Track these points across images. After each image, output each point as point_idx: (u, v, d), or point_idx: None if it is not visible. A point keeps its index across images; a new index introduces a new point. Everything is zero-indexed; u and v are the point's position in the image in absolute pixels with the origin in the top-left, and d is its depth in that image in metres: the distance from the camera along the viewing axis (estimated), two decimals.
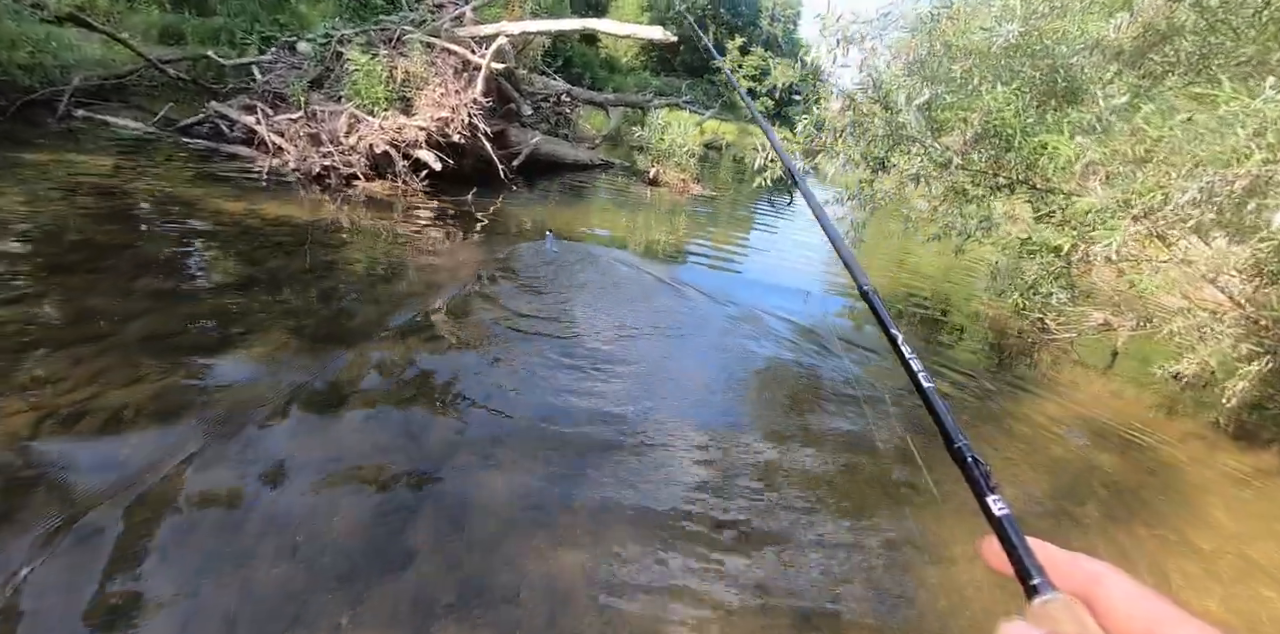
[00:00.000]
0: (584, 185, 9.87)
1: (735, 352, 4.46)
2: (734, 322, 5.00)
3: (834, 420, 3.63)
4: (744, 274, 6.61)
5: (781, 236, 9.01)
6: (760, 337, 4.78)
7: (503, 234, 6.32)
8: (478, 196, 7.45)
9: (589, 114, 17.48)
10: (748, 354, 4.45)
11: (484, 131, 7.57)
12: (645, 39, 7.13)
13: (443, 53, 7.88)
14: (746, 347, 4.57)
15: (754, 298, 5.65)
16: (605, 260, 5.99)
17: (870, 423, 3.65)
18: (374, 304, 4.15)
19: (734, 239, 8.15)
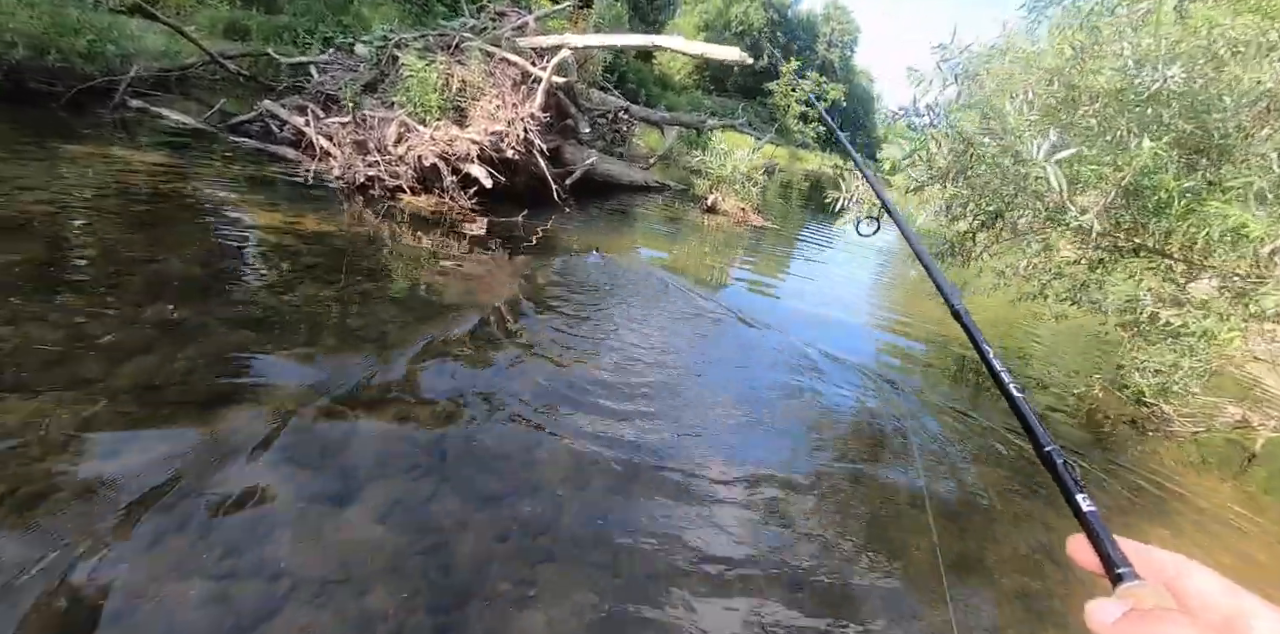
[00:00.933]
0: (638, 209, 9.33)
1: (804, 399, 3.84)
2: (805, 369, 4.37)
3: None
4: (802, 309, 5.98)
5: (860, 277, 8.37)
6: (836, 384, 4.15)
7: (552, 261, 5.78)
8: (529, 217, 6.93)
9: (643, 132, 17.03)
10: (813, 399, 3.82)
11: (540, 148, 7.07)
12: (720, 60, 6.59)
13: (502, 63, 7.43)
14: (815, 391, 3.94)
15: (818, 336, 5.01)
16: (656, 284, 5.43)
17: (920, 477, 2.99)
18: (404, 350, 3.60)
19: (800, 276, 7.53)
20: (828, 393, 4.26)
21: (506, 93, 7.17)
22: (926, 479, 3.36)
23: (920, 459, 3.58)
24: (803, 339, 5.21)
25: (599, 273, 5.70)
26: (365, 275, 4.53)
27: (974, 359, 5.67)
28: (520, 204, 7.45)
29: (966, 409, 4.56)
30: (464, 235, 6.00)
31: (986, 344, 0.84)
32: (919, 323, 6.62)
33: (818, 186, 27.32)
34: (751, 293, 6.55)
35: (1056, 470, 0.64)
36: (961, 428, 4.20)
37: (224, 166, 6.71)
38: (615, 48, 7.85)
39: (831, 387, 4.40)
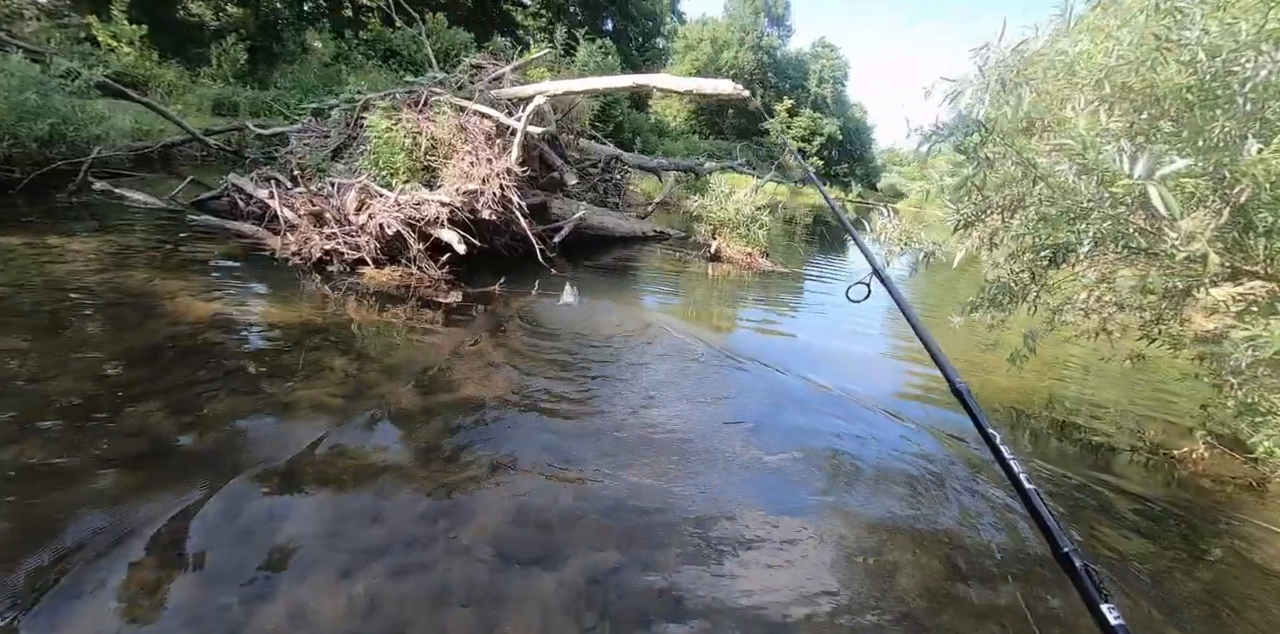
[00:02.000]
0: (635, 262, 8.48)
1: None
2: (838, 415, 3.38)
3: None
4: (829, 348, 5.03)
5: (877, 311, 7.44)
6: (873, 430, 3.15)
7: (534, 340, 4.88)
8: (510, 284, 6.08)
9: (640, 179, 16.42)
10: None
11: (519, 206, 6.29)
12: (712, 95, 5.83)
13: (475, 117, 6.73)
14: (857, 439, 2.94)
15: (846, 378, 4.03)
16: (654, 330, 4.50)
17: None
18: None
19: (814, 312, 6.60)
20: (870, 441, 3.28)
21: (480, 148, 6.44)
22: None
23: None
24: (830, 382, 4.25)
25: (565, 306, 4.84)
26: (300, 378, 3.66)
27: (1076, 425, 4.68)
28: (502, 268, 6.65)
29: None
30: (428, 313, 5.14)
31: (993, 429, 0.86)
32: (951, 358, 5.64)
33: (820, 220, 26.53)
34: (764, 334, 5.65)
35: (1076, 576, 0.60)
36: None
37: (172, 250, 5.96)
38: (600, 92, 7.16)
39: (868, 433, 3.41)
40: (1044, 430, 4.60)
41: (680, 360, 4.84)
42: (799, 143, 47.17)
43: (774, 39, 48.14)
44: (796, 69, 49.45)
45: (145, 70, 16.75)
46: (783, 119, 47.04)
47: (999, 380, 5.38)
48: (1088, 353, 6.33)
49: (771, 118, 44.54)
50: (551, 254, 7.07)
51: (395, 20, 22.00)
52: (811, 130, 47.60)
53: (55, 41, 16.30)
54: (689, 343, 5.23)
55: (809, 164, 46.75)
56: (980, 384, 5.31)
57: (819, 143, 47.84)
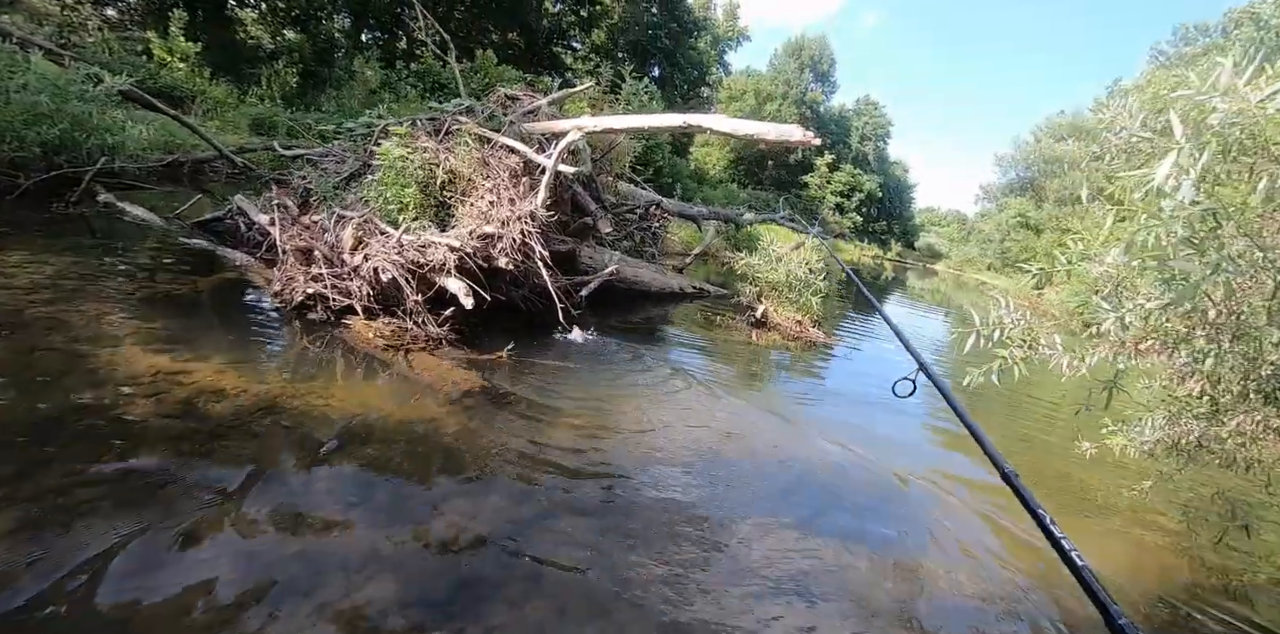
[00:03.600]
0: (670, 325, 7.40)
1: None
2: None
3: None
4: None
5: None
6: None
7: (541, 442, 3.79)
8: (521, 348, 5.04)
9: (677, 227, 15.54)
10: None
11: (541, 255, 5.31)
12: (777, 142, 4.85)
13: (501, 150, 5.84)
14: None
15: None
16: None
17: None
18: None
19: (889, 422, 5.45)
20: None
21: (503, 186, 5.52)
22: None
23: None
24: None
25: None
26: (216, 498, 2.62)
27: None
28: (517, 325, 5.65)
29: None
30: (413, 388, 4.11)
31: (1042, 509, 0.87)
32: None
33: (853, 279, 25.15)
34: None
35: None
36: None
37: (146, 279, 5.08)
38: (644, 130, 6.25)
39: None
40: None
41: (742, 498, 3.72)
42: (838, 198, 46.38)
43: (818, 94, 47.89)
44: (839, 124, 49.02)
45: (194, 86, 16.51)
46: (823, 174, 46.40)
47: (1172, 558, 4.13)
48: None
49: (813, 171, 43.94)
50: (576, 311, 6.05)
51: (445, 55, 21.83)
52: (851, 186, 46.80)
53: (113, 52, 16.19)
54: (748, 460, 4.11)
55: (847, 220, 45.94)
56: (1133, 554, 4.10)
57: (858, 199, 46.96)
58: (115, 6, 20.18)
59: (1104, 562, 3.66)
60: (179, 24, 18.54)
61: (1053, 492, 4.68)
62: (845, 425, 5.09)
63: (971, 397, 6.30)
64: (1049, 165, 26.86)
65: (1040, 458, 5.37)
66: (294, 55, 20.87)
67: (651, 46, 31.18)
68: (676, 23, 31.36)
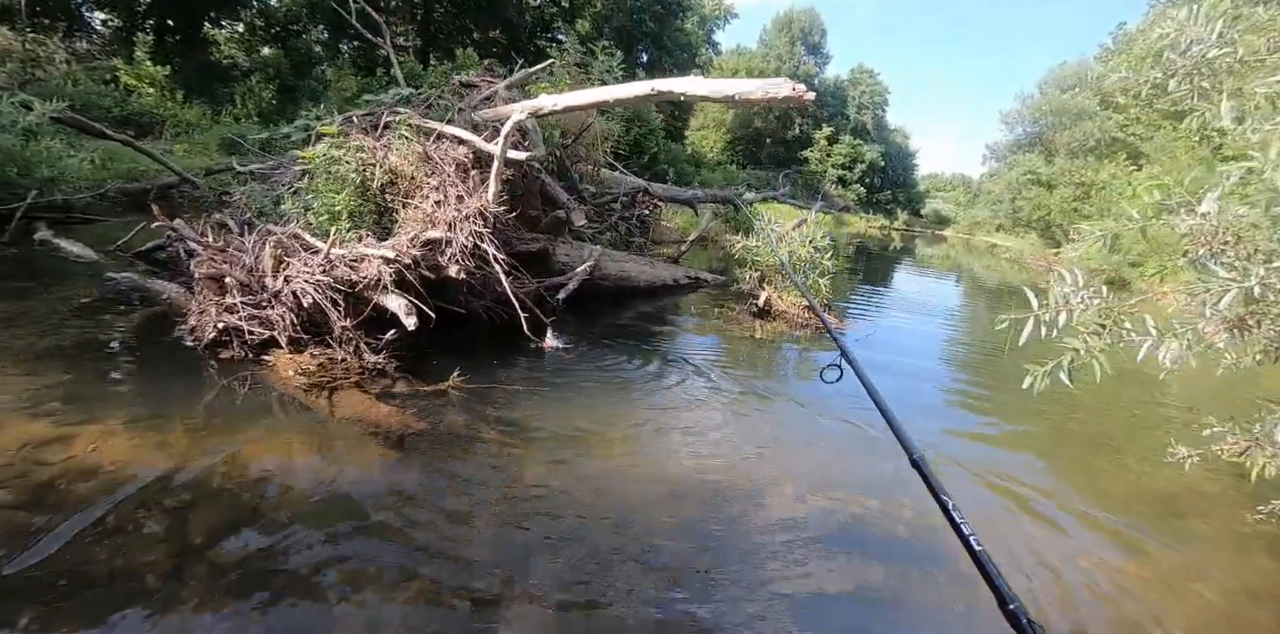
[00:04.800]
0: (661, 322, 6.52)
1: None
2: None
3: None
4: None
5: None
6: None
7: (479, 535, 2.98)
8: (480, 370, 4.24)
9: (674, 213, 14.66)
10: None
11: (497, 257, 4.50)
12: (763, 100, 3.98)
13: (450, 143, 5.02)
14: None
15: None
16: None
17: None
18: None
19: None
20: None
21: (450, 183, 4.71)
22: None
23: None
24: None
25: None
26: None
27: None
28: (478, 341, 4.87)
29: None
30: (336, 441, 3.32)
31: (946, 495, 0.89)
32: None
33: (863, 249, 24.12)
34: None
35: (1020, 627, 0.65)
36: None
37: (58, 324, 4.35)
38: (609, 105, 5.39)
39: None
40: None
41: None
42: (839, 171, 44.95)
43: (811, 66, 46.23)
44: (835, 96, 47.38)
45: (164, 110, 15.83)
46: (822, 147, 44.99)
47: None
48: None
49: (813, 146, 42.58)
50: (550, 318, 5.24)
51: (380, 39, 21.03)
52: (852, 158, 45.26)
53: (78, 83, 15.52)
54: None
55: (850, 192, 44.52)
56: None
57: (860, 170, 45.43)
58: (85, 39, 19.52)
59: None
60: (144, 48, 17.85)
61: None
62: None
63: (1051, 402, 5.13)
64: (1057, 117, 25.46)
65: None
66: (270, 71, 20.12)
67: (637, 31, 30.05)
68: (660, 5, 30.14)
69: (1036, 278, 20.47)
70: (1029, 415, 5.06)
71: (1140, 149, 23.72)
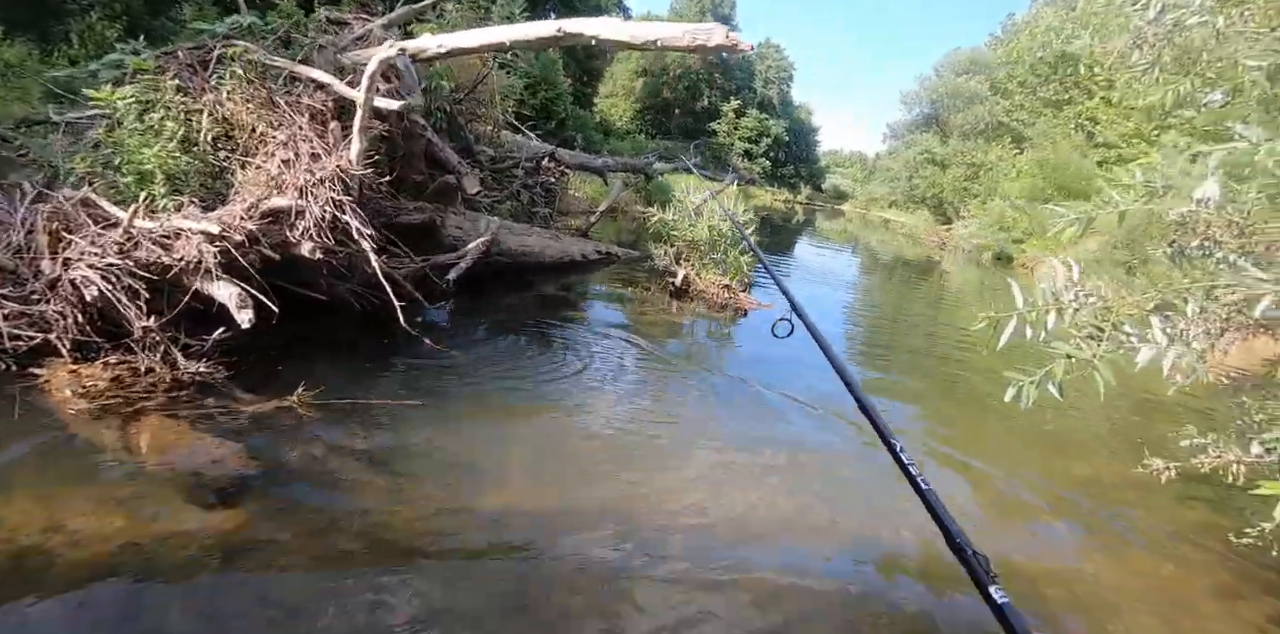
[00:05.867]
0: (572, 302, 5.75)
1: None
2: None
3: None
4: None
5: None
6: None
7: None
8: (341, 375, 3.38)
9: (583, 182, 13.75)
10: None
11: (364, 232, 3.58)
12: (690, 48, 3.26)
13: (306, 88, 3.99)
14: None
15: None
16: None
17: None
18: None
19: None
20: None
21: (302, 137, 3.71)
22: None
23: None
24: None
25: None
26: None
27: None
28: (340, 337, 3.98)
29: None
30: (104, 491, 2.41)
31: (894, 438, 0.91)
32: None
33: (768, 221, 24.08)
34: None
35: (966, 560, 0.64)
36: None
37: None
38: (506, 48, 4.51)
39: None
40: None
41: None
42: (746, 144, 44.97)
43: None
44: (743, 69, 47.06)
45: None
46: (730, 120, 44.76)
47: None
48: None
49: (720, 118, 42.23)
50: (436, 305, 4.39)
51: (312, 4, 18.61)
52: (759, 131, 45.32)
53: None
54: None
55: (756, 165, 44.67)
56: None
57: (766, 144, 45.63)
58: None
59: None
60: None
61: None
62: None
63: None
64: (952, 100, 26.20)
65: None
66: (116, 6, 17.14)
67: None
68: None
69: (930, 252, 21.18)
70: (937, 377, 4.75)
71: (1024, 134, 24.83)
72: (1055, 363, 2.08)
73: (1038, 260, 17.86)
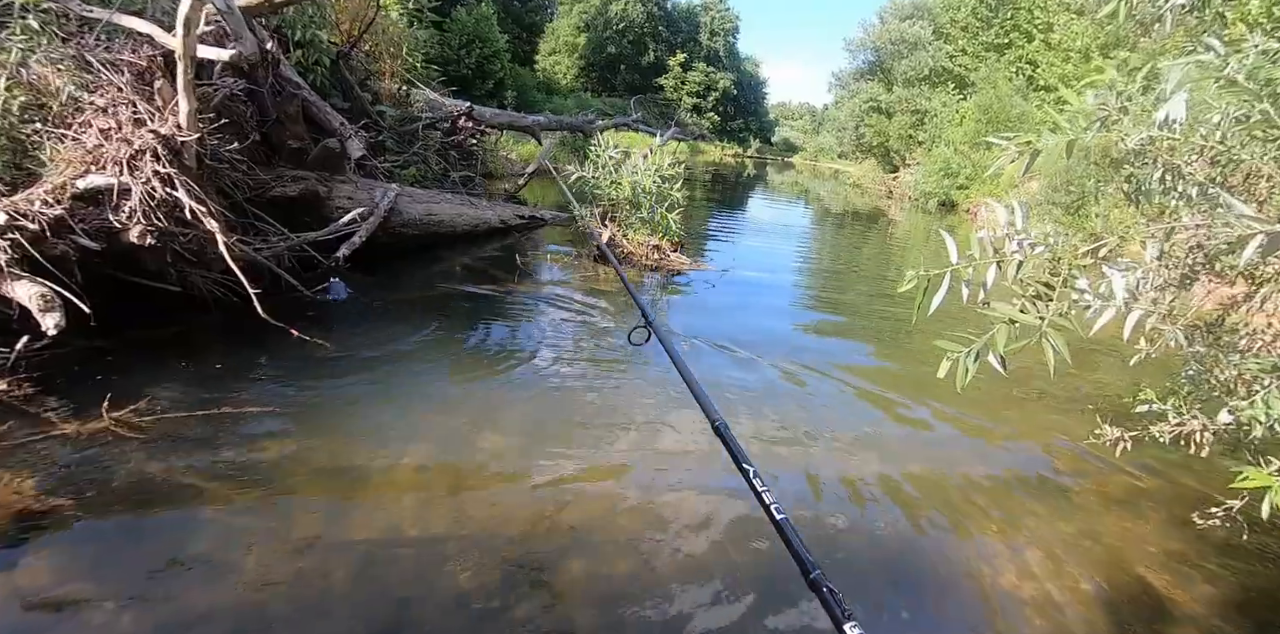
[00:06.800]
0: (483, 278, 5.16)
1: None
2: None
3: None
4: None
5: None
6: None
7: None
8: (193, 383, 2.90)
9: (518, 143, 13.04)
10: None
11: (199, 211, 3.04)
12: None
13: (127, 45, 3.36)
14: None
15: None
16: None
17: None
18: None
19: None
20: None
21: (123, 101, 3.12)
22: None
23: None
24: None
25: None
26: None
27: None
28: (199, 336, 3.47)
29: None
30: None
31: (749, 463, 0.87)
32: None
33: (719, 177, 23.57)
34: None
35: (823, 597, 0.64)
36: None
37: None
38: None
39: None
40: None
41: None
42: (694, 99, 43.80)
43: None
44: (688, 21, 45.46)
45: None
46: (677, 74, 43.41)
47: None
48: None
49: (667, 73, 40.83)
50: (315, 290, 3.89)
51: None
52: (706, 85, 44.11)
53: None
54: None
55: (705, 120, 43.65)
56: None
57: (714, 98, 44.53)
58: None
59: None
60: None
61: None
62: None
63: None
64: (896, 46, 25.58)
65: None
66: None
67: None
68: None
69: (878, 202, 20.99)
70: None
71: (967, 79, 24.50)
72: (996, 329, 1.75)
73: (979, 205, 17.83)
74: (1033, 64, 22.62)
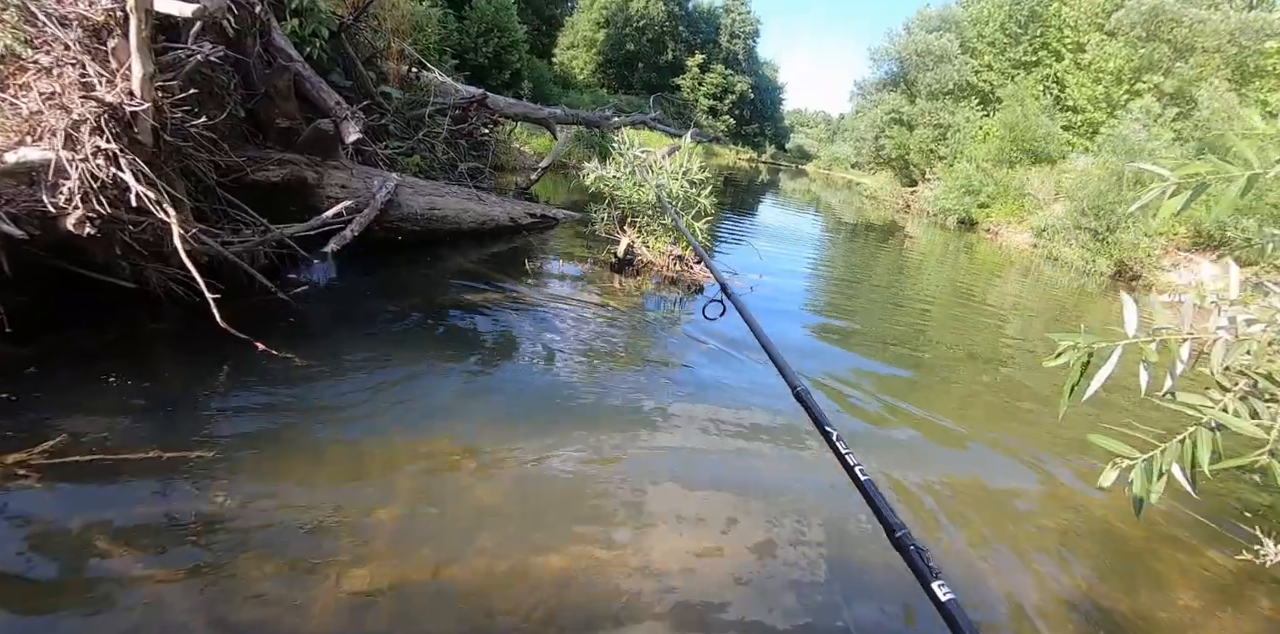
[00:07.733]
0: (487, 284, 4.51)
1: None
2: None
3: None
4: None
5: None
6: None
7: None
8: (142, 401, 2.39)
9: (533, 135, 12.53)
10: None
11: (149, 195, 2.52)
12: None
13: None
14: None
15: None
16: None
17: None
18: None
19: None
20: None
21: (69, 61, 2.60)
22: None
23: None
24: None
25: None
26: None
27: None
28: (151, 343, 2.96)
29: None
30: None
31: (831, 426, 0.82)
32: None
33: (731, 181, 22.98)
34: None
35: (909, 556, 0.60)
36: None
37: None
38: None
39: None
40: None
41: None
42: (711, 101, 43.24)
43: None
44: (708, 23, 44.85)
45: None
46: (695, 75, 42.83)
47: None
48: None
49: (685, 73, 40.22)
50: (291, 292, 3.37)
51: None
52: (724, 87, 43.53)
53: None
54: None
55: (720, 123, 43.03)
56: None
57: (730, 101, 43.95)
58: None
59: None
60: None
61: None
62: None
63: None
64: (921, 58, 24.97)
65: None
66: None
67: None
68: None
69: (894, 215, 20.45)
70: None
71: (990, 95, 23.95)
72: (1193, 434, 1.24)
73: (1002, 226, 17.29)
74: (1060, 83, 22.03)
